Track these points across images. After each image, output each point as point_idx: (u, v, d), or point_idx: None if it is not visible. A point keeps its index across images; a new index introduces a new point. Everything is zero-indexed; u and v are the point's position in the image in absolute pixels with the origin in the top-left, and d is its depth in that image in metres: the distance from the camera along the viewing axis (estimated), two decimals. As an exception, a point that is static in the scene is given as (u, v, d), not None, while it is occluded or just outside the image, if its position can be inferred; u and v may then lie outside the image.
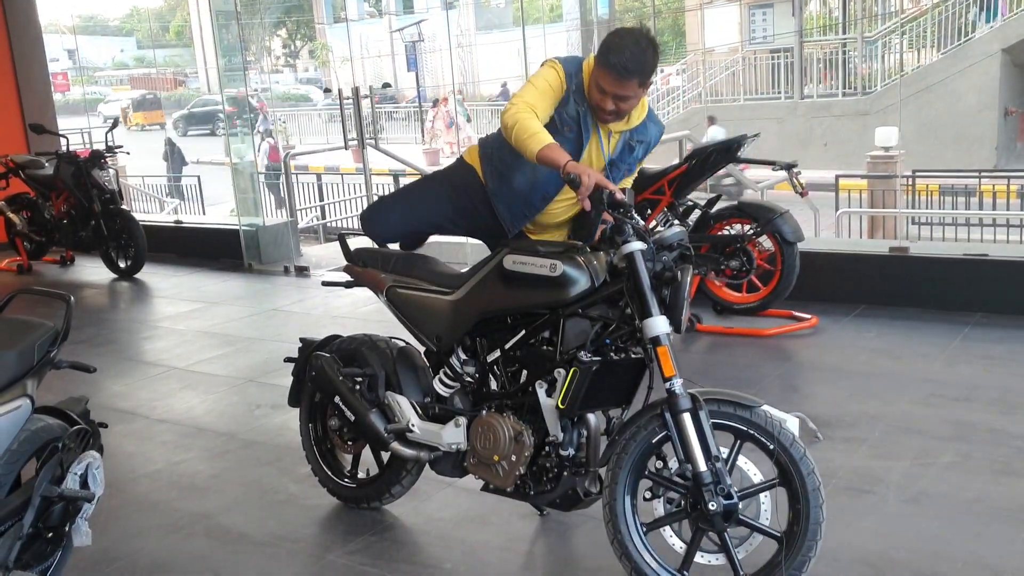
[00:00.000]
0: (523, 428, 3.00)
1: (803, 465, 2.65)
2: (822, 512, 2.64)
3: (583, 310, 2.90)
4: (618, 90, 2.98)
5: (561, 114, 3.09)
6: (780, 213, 5.38)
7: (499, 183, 3.29)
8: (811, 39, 22.35)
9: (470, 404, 3.24)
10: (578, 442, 2.97)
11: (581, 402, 2.86)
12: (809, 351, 5.20)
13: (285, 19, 45.17)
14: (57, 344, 2.93)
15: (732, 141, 5.47)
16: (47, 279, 8.80)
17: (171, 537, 3.57)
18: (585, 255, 2.90)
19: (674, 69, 23.99)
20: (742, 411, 2.70)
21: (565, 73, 3.08)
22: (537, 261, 2.92)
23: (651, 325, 2.73)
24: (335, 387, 3.45)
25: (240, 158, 9.07)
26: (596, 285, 2.88)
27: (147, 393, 5.29)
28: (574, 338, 2.92)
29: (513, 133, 2.95)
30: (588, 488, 2.99)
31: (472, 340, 3.20)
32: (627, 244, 2.77)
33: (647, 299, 2.73)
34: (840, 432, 4.04)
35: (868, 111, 18.38)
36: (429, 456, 3.27)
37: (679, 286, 2.73)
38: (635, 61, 2.95)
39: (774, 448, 2.66)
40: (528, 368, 3.08)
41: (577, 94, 3.09)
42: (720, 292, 5.73)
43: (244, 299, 7.51)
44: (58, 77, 36.74)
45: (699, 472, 2.66)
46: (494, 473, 3.06)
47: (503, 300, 3.07)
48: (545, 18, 34.61)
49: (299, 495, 3.80)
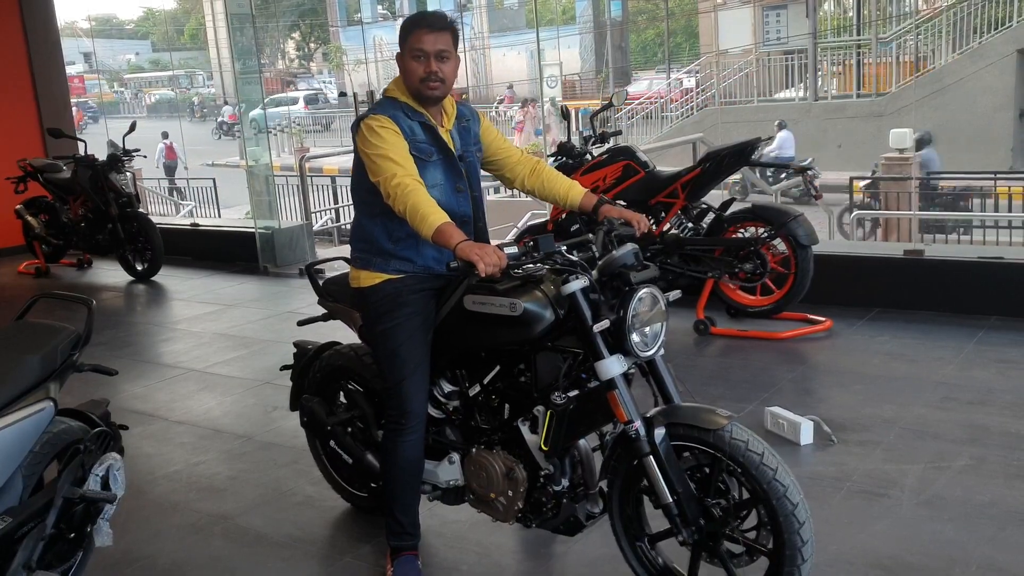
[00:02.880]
0: (514, 464, 2.95)
1: (772, 489, 2.53)
2: (799, 536, 2.52)
3: (553, 343, 2.83)
4: (437, 44, 2.92)
5: (416, 146, 2.96)
6: (794, 216, 5.38)
7: (421, 249, 3.05)
8: (825, 40, 22.30)
9: (461, 438, 3.20)
10: (571, 470, 2.94)
11: (565, 439, 2.84)
12: (823, 354, 5.21)
13: (299, 22, 45.33)
14: (79, 348, 2.97)
15: (745, 144, 5.48)
16: (65, 282, 8.88)
17: (190, 538, 3.61)
18: (548, 286, 2.79)
19: (687, 71, 23.94)
20: (705, 435, 2.61)
21: (384, 115, 2.95)
22: (496, 300, 2.81)
23: (602, 368, 2.69)
24: (328, 432, 3.50)
25: (255, 161, 9.13)
26: (561, 317, 2.77)
27: (165, 395, 5.35)
28: (547, 373, 2.87)
29: (407, 218, 2.80)
30: (590, 511, 2.97)
31: (452, 372, 3.17)
32: (565, 284, 2.72)
33: (593, 341, 2.69)
34: (854, 435, 4.04)
35: (883, 112, 18.31)
36: (429, 493, 3.27)
37: (621, 320, 2.64)
38: (441, 17, 2.97)
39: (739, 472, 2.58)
40: (509, 403, 3.03)
41: (409, 111, 3.00)
42: (734, 295, 5.74)
43: (260, 302, 7.56)
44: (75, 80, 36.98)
45: (664, 505, 2.65)
46: (494, 509, 3.05)
47: (469, 340, 3.02)
48: (558, 20, 34.65)
49: (315, 497, 3.84)
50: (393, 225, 3.00)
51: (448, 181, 3.05)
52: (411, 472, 3.09)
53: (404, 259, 3.05)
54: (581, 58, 34.86)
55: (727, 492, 2.69)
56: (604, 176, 5.74)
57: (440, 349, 3.10)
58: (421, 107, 3.03)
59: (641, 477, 2.78)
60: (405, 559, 3.13)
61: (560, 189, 3.26)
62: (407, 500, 3.12)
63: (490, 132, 3.27)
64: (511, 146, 3.36)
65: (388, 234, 3.04)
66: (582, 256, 2.82)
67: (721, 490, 2.68)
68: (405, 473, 3.09)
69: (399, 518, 3.12)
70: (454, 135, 3.12)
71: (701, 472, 2.72)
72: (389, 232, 3.04)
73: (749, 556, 2.68)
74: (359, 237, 3.15)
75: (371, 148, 2.90)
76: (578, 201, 3.21)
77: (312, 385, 3.64)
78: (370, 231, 3.08)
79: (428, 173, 2.98)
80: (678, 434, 2.68)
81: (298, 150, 23.98)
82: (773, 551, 2.60)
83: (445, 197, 3.02)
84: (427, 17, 2.97)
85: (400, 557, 3.14)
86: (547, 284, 2.82)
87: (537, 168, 3.31)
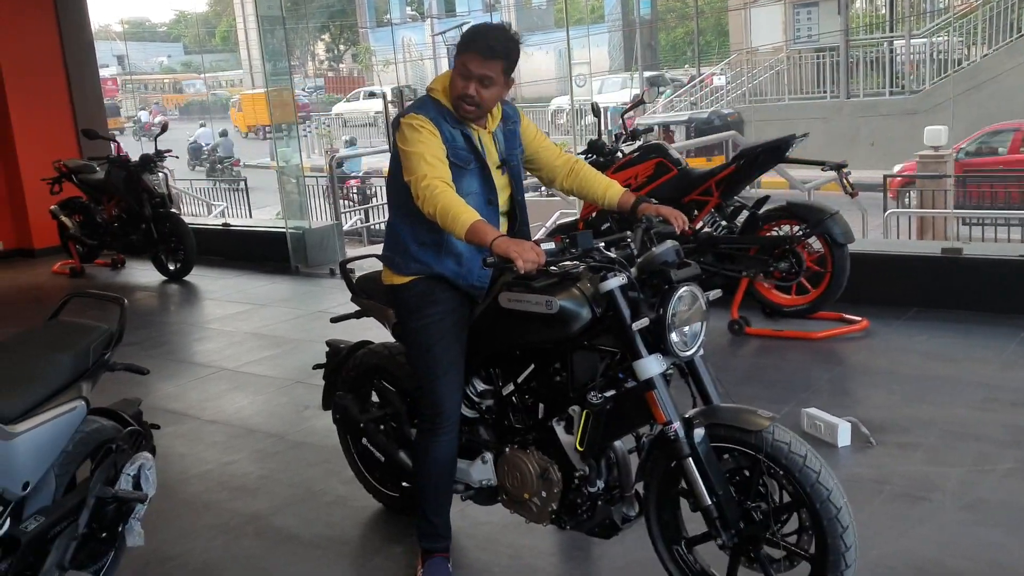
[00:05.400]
0: (549, 464, 2.91)
1: (815, 492, 2.46)
2: (843, 541, 2.46)
3: (589, 342, 2.78)
4: (484, 70, 2.84)
5: (455, 153, 2.92)
6: (830, 214, 5.29)
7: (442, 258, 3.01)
8: (857, 38, 22.05)
9: (494, 437, 3.16)
10: (607, 471, 2.89)
11: (601, 440, 2.79)
12: (860, 354, 5.12)
13: (328, 23, 45.55)
14: (111, 347, 2.98)
15: (780, 141, 5.40)
16: (99, 282, 8.95)
17: (222, 538, 3.60)
18: (584, 283, 2.74)
19: (718, 69, 23.77)
20: (746, 436, 2.56)
21: (424, 116, 2.90)
22: (532, 298, 2.77)
23: (641, 368, 2.64)
24: (360, 430, 3.48)
25: (286, 161, 9.15)
26: (598, 315, 2.72)
27: (198, 394, 5.36)
28: (583, 373, 2.83)
29: (439, 220, 2.75)
30: (626, 513, 2.92)
31: (486, 370, 3.14)
32: (603, 282, 2.67)
33: (632, 340, 2.64)
34: (893, 437, 3.96)
35: (916, 110, 18.07)
36: (462, 493, 3.24)
37: (661, 319, 2.60)
38: (501, 42, 2.86)
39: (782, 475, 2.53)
40: (544, 403, 2.99)
41: (450, 119, 2.94)
42: (769, 294, 5.66)
43: (291, 301, 7.58)
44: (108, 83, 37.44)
45: (704, 508, 2.60)
46: (527, 510, 3.01)
47: (505, 338, 2.98)
48: (587, 19, 34.51)
49: (347, 497, 3.82)
50: (420, 228, 2.96)
51: (483, 192, 3.01)
52: (444, 474, 3.06)
53: (423, 263, 3.02)
54: (610, 57, 34.72)
55: (767, 495, 2.63)
56: (636, 174, 5.69)
57: (474, 347, 3.07)
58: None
59: (679, 479, 2.73)
60: (436, 561, 3.10)
61: (598, 188, 3.21)
62: (439, 502, 3.09)
63: (530, 130, 3.22)
64: (551, 144, 3.30)
65: (414, 236, 3.02)
66: (620, 254, 2.78)
67: (761, 493, 2.63)
68: (438, 475, 3.06)
69: (431, 519, 3.09)
70: (499, 138, 3.08)
71: (741, 474, 2.67)
72: (415, 234, 3.01)
73: (790, 561, 2.62)
74: (389, 235, 3.14)
75: (408, 145, 2.87)
76: (616, 200, 3.16)
77: (345, 384, 3.62)
78: (399, 230, 3.06)
79: (465, 181, 2.95)
80: (718, 435, 2.63)
81: (328, 151, 24.09)
82: (815, 556, 2.54)
83: (478, 207, 2.96)
84: (481, 40, 2.86)
85: (431, 559, 3.11)
86: (584, 282, 2.78)
87: (575, 167, 3.26)
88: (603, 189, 3.20)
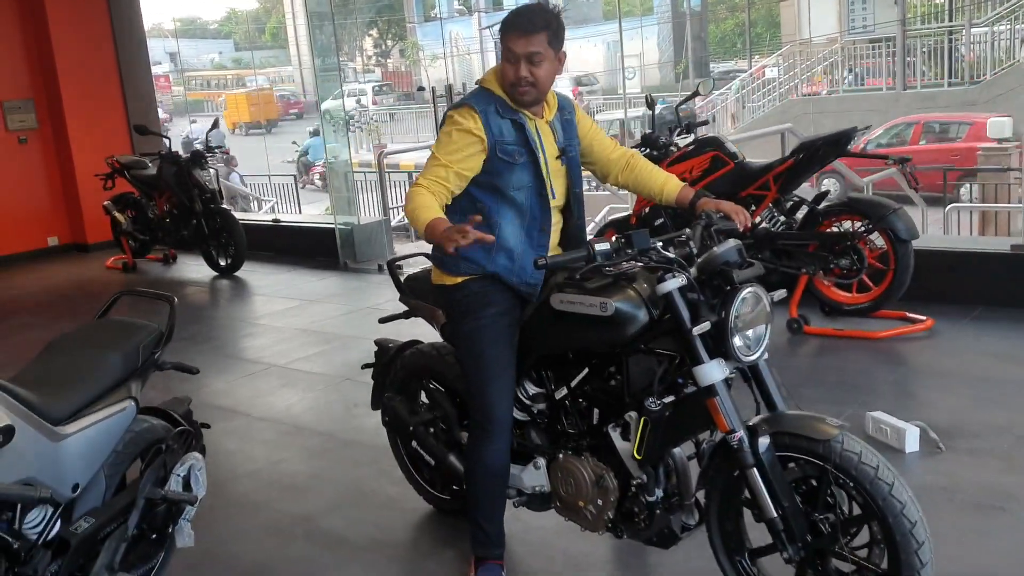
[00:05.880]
0: (604, 471, 2.81)
1: (888, 505, 2.34)
2: (918, 557, 2.33)
3: (646, 345, 2.68)
4: (528, 47, 2.75)
5: (503, 148, 2.82)
6: (894, 209, 5.11)
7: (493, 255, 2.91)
8: (914, 28, 21.51)
9: (547, 441, 3.06)
10: (666, 479, 2.78)
11: (660, 447, 2.68)
12: (925, 355, 4.93)
13: (376, 19, 45.74)
14: (161, 345, 2.94)
15: (841, 134, 5.22)
16: (151, 277, 9.03)
17: (272, 539, 3.56)
18: (640, 284, 2.64)
19: (771, 60, 23.37)
20: (813, 445, 2.43)
21: (471, 108, 2.82)
22: (586, 300, 2.66)
23: (701, 374, 2.53)
24: (410, 433, 3.39)
25: (335, 157, 9.14)
26: (655, 317, 2.63)
27: (247, 391, 5.34)
28: (640, 377, 2.72)
29: (409, 221, 2.76)
30: (686, 522, 2.81)
31: (538, 373, 3.04)
32: (661, 283, 2.56)
33: (692, 344, 2.53)
34: (964, 443, 3.79)
35: (976, 101, 17.58)
36: (514, 499, 3.14)
37: (723, 322, 2.48)
38: (539, 15, 2.77)
39: (852, 486, 2.40)
40: (598, 407, 2.89)
41: (503, 108, 2.85)
42: (829, 292, 5.48)
43: (340, 297, 7.56)
44: (160, 80, 37.97)
45: (768, 520, 2.49)
46: (582, 517, 2.91)
47: (556, 341, 2.88)
48: (636, 11, 34.20)
49: (397, 498, 3.75)
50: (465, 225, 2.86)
51: (535, 185, 2.90)
52: (496, 480, 2.98)
53: (474, 262, 2.93)
54: (659, 49, 34.36)
55: (835, 506, 2.51)
56: (691, 168, 5.54)
57: (525, 349, 2.98)
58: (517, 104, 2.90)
59: (742, 489, 2.62)
60: (490, 567, 3.02)
61: (655, 183, 3.10)
62: (493, 508, 3.01)
63: (585, 122, 3.12)
64: (606, 137, 3.20)
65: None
66: (678, 252, 2.66)
67: (828, 504, 2.51)
68: (490, 482, 2.97)
69: (484, 527, 3.00)
70: (556, 128, 2.98)
71: (807, 484, 2.55)
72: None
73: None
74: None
75: (436, 143, 2.85)
76: (674, 195, 3.05)
77: (393, 384, 3.55)
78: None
79: (514, 176, 2.86)
80: (783, 444, 2.51)
81: (376, 146, 24.16)
82: (887, 572, 2.41)
83: (529, 201, 2.88)
84: (519, 18, 2.79)
85: (484, 565, 3.02)
86: (640, 282, 2.68)
87: (632, 161, 3.15)
88: (660, 184, 3.09)
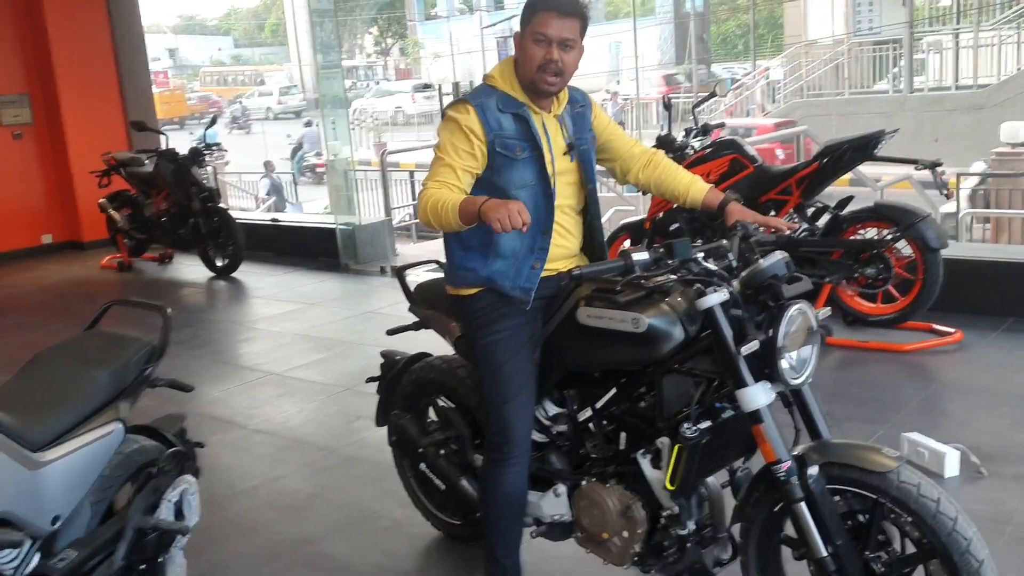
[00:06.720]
0: (632, 502, 2.58)
1: (952, 542, 2.13)
2: None
3: (680, 365, 2.47)
4: (564, 31, 2.55)
5: (502, 141, 2.62)
6: (923, 216, 4.89)
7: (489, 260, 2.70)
8: (921, 30, 21.31)
9: (568, 466, 2.83)
10: (698, 511, 2.57)
11: (695, 476, 2.46)
12: (955, 370, 4.71)
13: (377, 17, 45.55)
14: (153, 361, 2.71)
15: (869, 137, 5.01)
16: (146, 277, 8.80)
17: (271, 565, 3.33)
18: (676, 299, 2.44)
19: (776, 62, 23.17)
20: (868, 477, 2.23)
21: (466, 103, 2.62)
22: (616, 315, 2.46)
23: (746, 398, 2.31)
24: (420, 454, 3.15)
25: (335, 155, 8.91)
26: (692, 335, 2.43)
27: (244, 400, 5.11)
28: (675, 401, 2.50)
29: (433, 220, 2.52)
30: (719, 557, 2.60)
31: (559, 392, 2.82)
32: (702, 297, 2.35)
33: (736, 365, 2.31)
34: (1008, 468, 3.56)
35: (983, 105, 17.38)
36: (532, 528, 2.91)
37: (771, 341, 2.26)
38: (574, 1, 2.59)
39: (909, 521, 2.19)
40: (626, 431, 2.67)
41: (504, 103, 2.64)
42: (852, 302, 5.25)
43: (341, 300, 7.33)
44: (159, 76, 37.73)
45: (819, 559, 2.26)
46: (606, 550, 2.68)
47: (581, 357, 2.67)
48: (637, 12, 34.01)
49: (404, 521, 3.52)
50: (466, 231, 2.60)
51: (539, 183, 2.66)
52: (514, 509, 2.75)
53: (468, 269, 2.71)
54: (660, 50, 34.15)
55: (887, 544, 2.29)
56: (709, 171, 5.33)
57: (547, 366, 2.75)
58: (525, 96, 2.67)
59: (783, 523, 2.40)
60: None
61: (679, 184, 2.89)
62: (509, 540, 2.77)
63: (602, 118, 2.90)
64: (625, 135, 2.99)
65: (460, 240, 2.72)
66: (719, 265, 2.44)
67: (879, 542, 2.29)
68: (507, 509, 2.74)
69: (500, 560, 2.77)
70: (566, 121, 2.75)
71: (854, 519, 2.33)
72: (461, 238, 2.71)
73: None
74: (444, 241, 2.84)
75: (437, 144, 2.64)
76: (700, 198, 2.83)
77: (401, 400, 3.32)
78: (447, 235, 2.75)
79: (515, 172, 2.63)
80: (833, 475, 2.29)
81: (377, 144, 23.94)
82: None
83: (534, 201, 2.64)
84: (561, 1, 2.57)
85: None
86: (675, 296, 2.45)
87: (654, 159, 2.94)
88: (685, 185, 2.88)
